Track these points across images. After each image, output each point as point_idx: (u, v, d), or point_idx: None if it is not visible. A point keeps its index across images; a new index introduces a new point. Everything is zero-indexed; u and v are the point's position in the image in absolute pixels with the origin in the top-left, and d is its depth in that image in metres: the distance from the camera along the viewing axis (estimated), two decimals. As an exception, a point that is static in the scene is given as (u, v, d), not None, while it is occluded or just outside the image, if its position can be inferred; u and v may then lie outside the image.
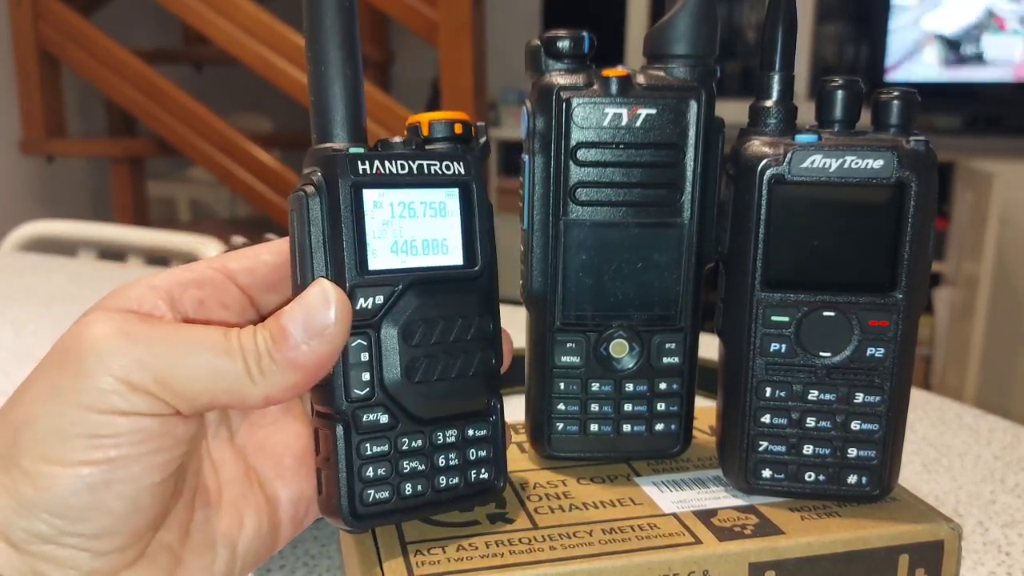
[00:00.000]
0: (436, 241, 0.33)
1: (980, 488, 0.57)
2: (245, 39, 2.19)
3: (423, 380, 0.33)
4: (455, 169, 0.33)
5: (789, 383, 0.37)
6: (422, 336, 0.33)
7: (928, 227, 0.35)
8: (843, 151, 0.34)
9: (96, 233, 1.40)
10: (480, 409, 0.35)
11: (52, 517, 0.27)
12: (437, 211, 0.33)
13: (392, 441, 0.33)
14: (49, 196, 2.85)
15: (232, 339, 0.29)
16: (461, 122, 0.34)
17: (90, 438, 0.27)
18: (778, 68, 0.37)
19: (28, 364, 0.30)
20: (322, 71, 0.32)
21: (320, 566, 0.46)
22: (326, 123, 0.32)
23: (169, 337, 0.28)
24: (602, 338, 0.39)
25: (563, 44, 0.37)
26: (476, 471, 0.35)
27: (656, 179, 0.38)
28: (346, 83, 0.32)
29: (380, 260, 0.32)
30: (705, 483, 0.39)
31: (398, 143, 0.33)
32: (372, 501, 0.32)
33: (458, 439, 0.34)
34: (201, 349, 0.28)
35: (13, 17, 2.48)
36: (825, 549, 0.34)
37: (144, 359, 0.28)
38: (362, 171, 0.31)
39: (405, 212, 0.32)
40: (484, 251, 0.34)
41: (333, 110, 0.32)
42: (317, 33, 0.32)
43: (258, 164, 2.29)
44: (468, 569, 0.32)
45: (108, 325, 0.28)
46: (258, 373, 0.29)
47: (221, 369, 0.29)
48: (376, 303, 0.32)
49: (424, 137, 0.34)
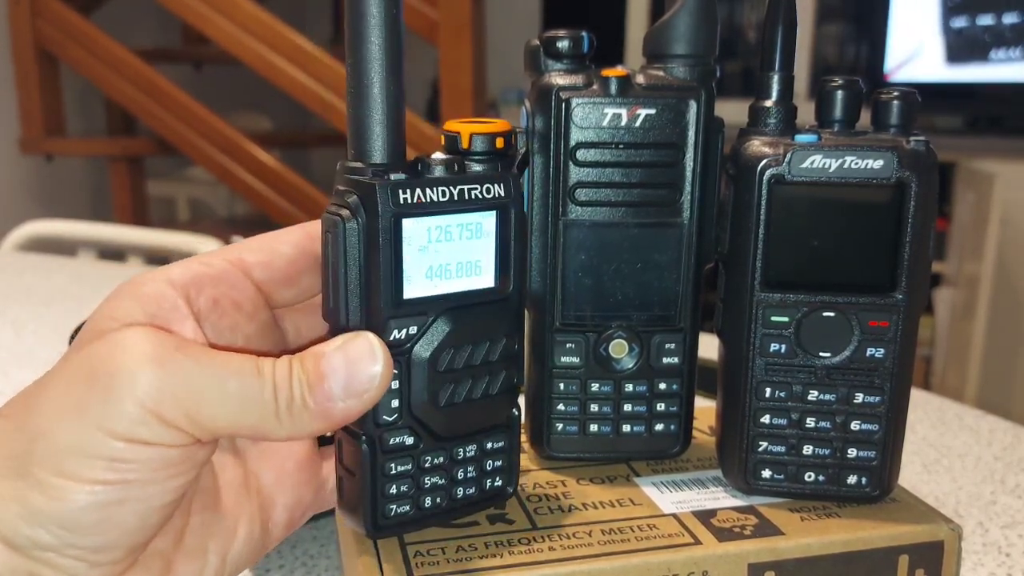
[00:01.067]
0: (470, 264, 0.32)
1: (980, 489, 0.57)
2: (245, 38, 2.18)
3: (448, 403, 0.33)
4: (495, 192, 0.32)
5: (789, 383, 0.37)
6: (450, 361, 0.32)
7: (928, 227, 0.35)
8: (843, 151, 0.34)
9: (96, 233, 1.40)
10: (500, 422, 0.35)
11: (59, 529, 0.27)
12: (473, 233, 0.32)
13: (416, 459, 0.33)
14: (48, 195, 2.85)
15: (266, 376, 0.28)
16: (503, 135, 0.33)
17: (110, 461, 0.27)
18: (778, 68, 0.37)
19: (28, 364, 0.30)
20: (364, 84, 0.30)
21: (319, 566, 0.46)
22: (364, 141, 0.31)
23: (203, 369, 0.28)
24: (602, 338, 0.39)
25: (562, 44, 0.37)
26: (491, 480, 0.35)
27: (656, 179, 0.38)
28: (389, 101, 0.31)
29: (415, 288, 0.31)
30: (705, 483, 0.39)
31: (438, 162, 0.31)
32: (394, 515, 0.33)
33: (477, 452, 0.35)
34: (233, 385, 0.28)
35: (12, 15, 2.47)
36: (825, 550, 0.34)
37: (176, 393, 0.27)
38: (403, 200, 0.30)
39: (442, 236, 0.31)
40: (517, 273, 0.34)
41: (372, 127, 0.31)
42: (360, 47, 0.30)
43: (257, 163, 2.29)
44: (467, 570, 0.32)
45: (143, 348, 0.27)
46: (287, 415, 0.28)
47: (250, 408, 0.28)
48: (409, 334, 0.31)
49: (463, 150, 0.32)
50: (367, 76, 0.30)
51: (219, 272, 0.31)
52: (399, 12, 0.30)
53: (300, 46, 2.13)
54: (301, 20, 3.19)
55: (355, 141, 0.31)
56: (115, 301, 0.30)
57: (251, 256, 0.32)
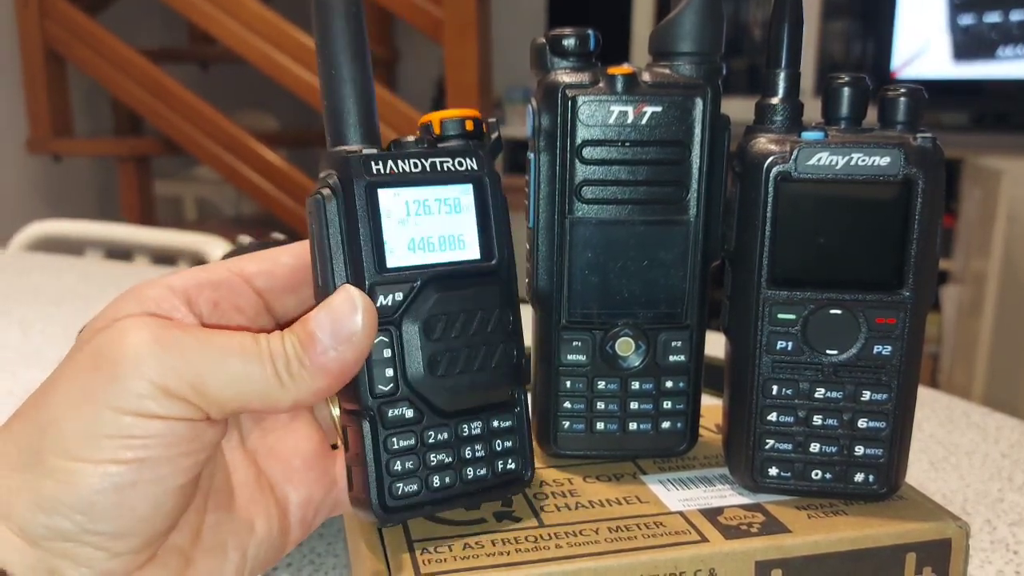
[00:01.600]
0: (453, 237, 0.34)
1: (988, 486, 0.57)
2: (251, 38, 2.19)
3: (446, 374, 0.33)
4: (467, 165, 0.34)
5: (796, 381, 0.37)
6: (443, 330, 0.33)
7: (935, 224, 0.35)
8: (849, 148, 0.34)
9: (103, 232, 1.41)
10: (504, 400, 0.35)
11: (75, 513, 0.27)
12: (452, 207, 0.33)
13: (418, 435, 0.33)
14: (56, 195, 2.86)
15: (262, 344, 0.29)
16: (472, 119, 0.35)
17: (121, 438, 0.27)
18: (784, 65, 0.37)
19: (36, 364, 0.30)
20: (333, 75, 0.33)
21: (326, 564, 0.46)
22: (339, 126, 0.33)
23: (203, 344, 0.29)
24: (608, 336, 0.39)
25: (569, 42, 0.37)
26: (503, 462, 0.35)
27: (662, 177, 0.38)
28: (357, 86, 0.33)
29: (398, 258, 0.32)
30: (711, 481, 0.39)
31: (411, 142, 0.33)
32: (401, 494, 0.33)
33: (483, 430, 0.35)
34: (233, 355, 0.29)
35: (20, 16, 2.48)
36: (832, 547, 0.34)
37: (180, 366, 0.28)
38: (376, 171, 0.32)
39: (420, 210, 0.33)
40: (501, 245, 0.34)
41: (346, 113, 0.33)
42: (326, 39, 0.33)
43: (264, 163, 2.29)
44: (474, 567, 0.32)
45: (144, 332, 0.28)
46: (288, 378, 0.29)
47: (253, 375, 0.29)
48: (396, 300, 0.32)
49: (436, 135, 0.34)
50: (335, 66, 0.33)
51: (219, 278, 0.32)
52: (360, 7, 0.33)
53: (306, 45, 2.13)
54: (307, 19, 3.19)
55: (331, 129, 0.33)
56: (116, 304, 0.31)
57: (252, 266, 0.33)
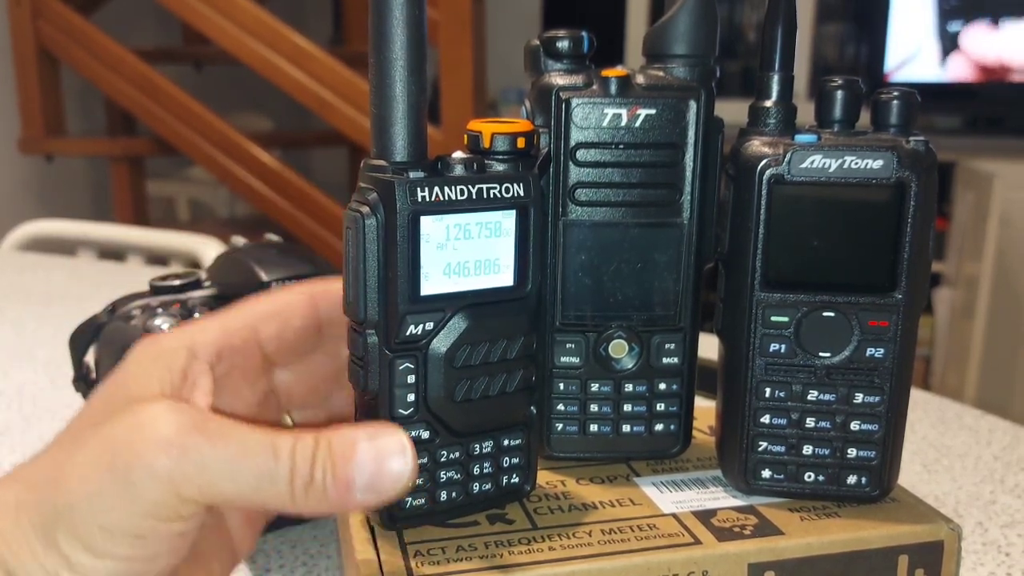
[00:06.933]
0: (489, 262, 0.33)
1: (980, 488, 0.57)
2: (245, 38, 2.18)
3: (465, 399, 0.33)
4: (515, 191, 0.32)
5: (789, 383, 0.37)
6: (467, 358, 0.33)
7: (928, 227, 0.35)
8: (843, 151, 0.34)
9: (96, 232, 1.40)
10: (517, 421, 0.35)
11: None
12: (492, 231, 0.32)
13: (432, 454, 0.33)
14: (48, 195, 2.84)
15: (283, 458, 0.28)
16: (525, 135, 0.33)
17: (133, 537, 0.28)
18: (778, 68, 0.37)
19: (28, 364, 0.30)
20: (387, 84, 0.31)
21: (319, 566, 0.46)
22: (386, 138, 0.31)
23: (217, 453, 0.28)
24: (601, 338, 0.39)
25: (562, 44, 0.37)
26: (508, 476, 0.36)
27: (655, 179, 0.38)
28: (410, 100, 0.31)
29: (432, 284, 0.32)
30: (704, 483, 0.39)
31: (458, 161, 0.32)
32: (409, 508, 0.33)
33: (493, 448, 0.35)
34: (248, 466, 0.28)
35: (12, 16, 2.47)
36: (825, 549, 0.34)
37: (196, 476, 0.27)
38: (421, 198, 0.31)
39: (461, 234, 0.32)
40: (536, 271, 0.34)
41: (395, 125, 0.31)
42: (382, 46, 0.30)
43: (258, 164, 2.29)
44: (467, 570, 0.32)
45: (163, 430, 0.27)
46: (302, 495, 0.28)
47: (264, 487, 0.28)
48: (426, 329, 0.32)
49: (485, 149, 0.33)
50: (389, 76, 0.31)
51: (240, 342, 0.33)
52: (422, 13, 0.30)
53: (300, 46, 2.12)
54: (301, 20, 3.19)
55: (377, 140, 0.32)
56: (135, 368, 0.30)
57: (266, 329, 0.34)
